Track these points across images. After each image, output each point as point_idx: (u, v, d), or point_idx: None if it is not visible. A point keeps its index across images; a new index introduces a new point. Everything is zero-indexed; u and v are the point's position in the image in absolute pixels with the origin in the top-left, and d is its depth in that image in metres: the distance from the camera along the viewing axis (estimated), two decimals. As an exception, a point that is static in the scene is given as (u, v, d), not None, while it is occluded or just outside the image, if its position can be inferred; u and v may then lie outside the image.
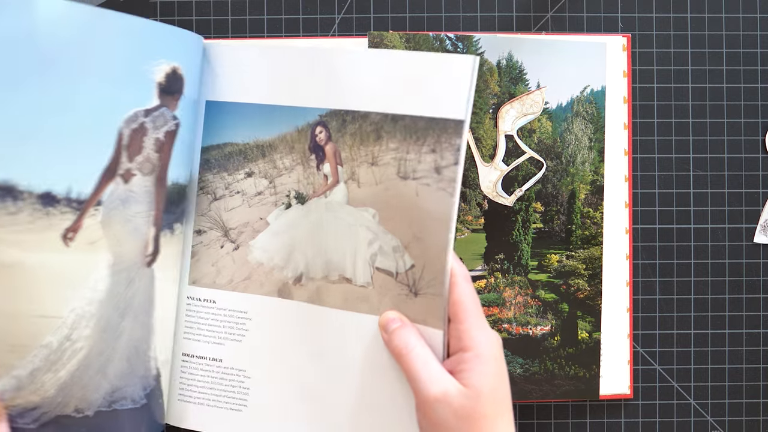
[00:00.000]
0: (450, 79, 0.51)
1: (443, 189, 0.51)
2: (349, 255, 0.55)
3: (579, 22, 0.65)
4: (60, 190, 0.51)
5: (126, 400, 0.55)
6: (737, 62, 0.66)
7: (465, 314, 0.49)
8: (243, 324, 0.57)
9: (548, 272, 0.64)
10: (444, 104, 0.51)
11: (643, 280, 0.65)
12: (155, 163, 0.55)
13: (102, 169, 0.52)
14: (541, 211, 0.64)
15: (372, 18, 0.65)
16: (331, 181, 0.56)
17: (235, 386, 0.57)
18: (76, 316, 0.53)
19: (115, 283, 0.54)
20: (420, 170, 0.52)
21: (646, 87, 0.65)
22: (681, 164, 0.66)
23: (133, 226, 0.54)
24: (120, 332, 0.55)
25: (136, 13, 0.64)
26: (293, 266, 0.57)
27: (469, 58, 0.50)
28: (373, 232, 0.55)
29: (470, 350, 0.48)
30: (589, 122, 0.64)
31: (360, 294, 0.55)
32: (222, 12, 0.65)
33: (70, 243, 0.52)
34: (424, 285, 0.52)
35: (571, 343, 0.64)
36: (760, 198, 0.66)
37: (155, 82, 0.53)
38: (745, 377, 0.66)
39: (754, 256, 0.66)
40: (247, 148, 0.57)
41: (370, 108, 0.54)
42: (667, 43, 0.65)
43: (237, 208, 0.58)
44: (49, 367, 0.53)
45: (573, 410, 0.65)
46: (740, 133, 0.66)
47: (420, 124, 0.52)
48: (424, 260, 0.52)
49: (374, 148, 0.54)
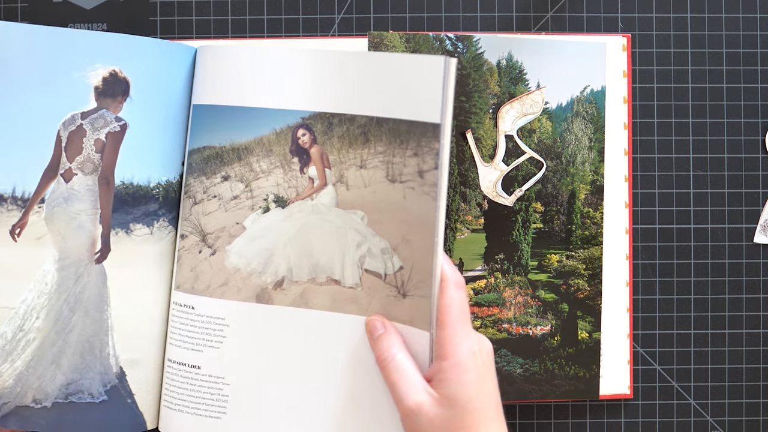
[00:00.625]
0: (423, 82, 0.50)
1: (427, 193, 0.51)
2: (338, 257, 0.55)
3: (579, 22, 0.65)
4: (6, 189, 0.57)
5: (83, 394, 0.57)
6: (737, 62, 0.66)
7: (448, 321, 0.49)
8: (221, 330, 0.57)
9: (548, 272, 0.64)
10: (420, 107, 0.51)
11: (643, 280, 0.65)
12: (97, 163, 0.57)
13: (43, 169, 0.57)
14: (541, 211, 0.64)
15: (372, 18, 0.65)
16: (318, 184, 0.56)
17: (214, 394, 0.57)
18: (27, 308, 0.57)
19: (63, 278, 0.57)
20: (406, 174, 0.53)
21: (646, 87, 0.65)
22: (681, 164, 0.66)
23: (77, 224, 0.57)
24: (72, 326, 0.57)
25: (136, 13, 0.64)
26: (273, 270, 0.56)
27: (439, 58, 0.49)
28: (361, 234, 0.55)
29: (449, 359, 0.48)
30: (589, 122, 0.64)
31: (349, 295, 0.55)
32: (222, 12, 0.65)
33: (18, 238, 0.57)
34: (412, 287, 0.52)
35: (571, 343, 0.64)
36: (760, 198, 0.66)
37: (92, 86, 0.56)
38: (745, 377, 0.66)
39: (754, 256, 0.66)
40: (223, 151, 0.57)
41: (356, 111, 0.54)
42: (667, 43, 0.65)
43: (214, 213, 0.58)
44: (5, 358, 0.57)
45: (573, 410, 0.65)
46: (740, 133, 0.66)
47: (402, 127, 0.52)
48: (412, 262, 0.52)
49: (363, 151, 0.54)
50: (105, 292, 0.57)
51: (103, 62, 0.56)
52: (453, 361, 0.48)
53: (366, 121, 0.54)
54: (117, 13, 0.65)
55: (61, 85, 0.56)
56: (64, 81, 0.56)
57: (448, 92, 0.49)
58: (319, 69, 0.54)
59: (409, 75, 0.51)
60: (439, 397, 0.48)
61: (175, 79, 0.58)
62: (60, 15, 0.64)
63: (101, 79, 0.56)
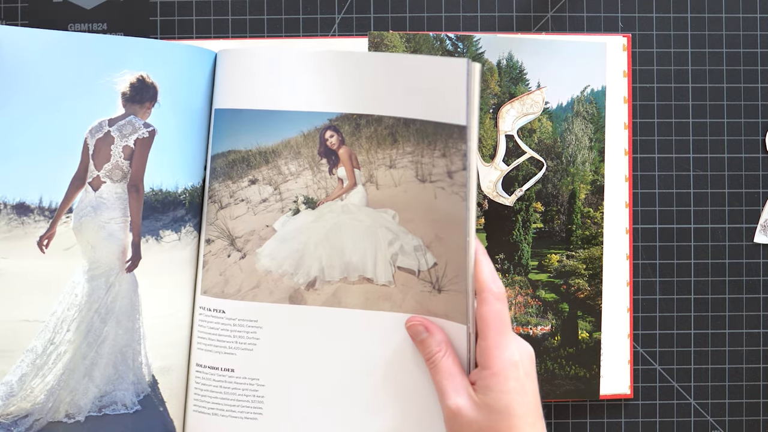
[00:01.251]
0: (447, 84, 0.51)
1: (456, 193, 0.52)
2: (370, 255, 0.56)
3: (579, 22, 0.65)
4: (32, 199, 0.55)
5: (117, 405, 0.56)
6: (737, 62, 0.66)
7: (488, 332, 0.51)
8: (254, 333, 0.57)
9: (548, 272, 0.64)
10: (445, 109, 0.51)
11: (643, 280, 0.65)
12: (125, 170, 0.56)
13: (70, 178, 0.56)
14: (541, 211, 0.64)
15: (372, 18, 0.65)
16: (347, 184, 0.57)
17: (249, 395, 0.57)
18: (57, 320, 0.55)
19: (93, 288, 0.56)
20: (435, 174, 0.53)
21: (646, 87, 0.65)
22: (681, 164, 0.66)
23: (107, 232, 0.56)
24: (103, 337, 0.56)
25: (136, 13, 0.64)
26: (305, 271, 0.57)
27: (462, 61, 0.49)
28: (393, 232, 0.56)
29: (490, 368, 0.50)
30: (589, 122, 0.64)
31: (382, 293, 0.56)
32: (222, 12, 0.65)
33: (46, 249, 0.55)
34: (447, 282, 0.53)
35: (571, 343, 0.64)
36: (760, 198, 0.66)
37: (119, 92, 0.55)
38: (745, 377, 0.66)
39: (754, 256, 0.66)
40: (249, 155, 0.57)
41: (383, 112, 0.54)
42: (667, 43, 0.65)
43: (242, 216, 0.58)
44: (36, 372, 0.55)
45: (573, 410, 0.65)
46: (740, 133, 0.66)
47: (429, 128, 0.53)
48: (446, 259, 0.53)
49: (391, 151, 0.55)
50: (136, 301, 0.56)
51: (131, 68, 0.55)
52: (493, 370, 0.50)
53: (393, 122, 0.54)
54: (117, 13, 0.65)
55: (88, 91, 0.55)
56: (91, 87, 0.55)
57: (472, 95, 0.50)
58: (345, 71, 0.54)
59: (434, 77, 0.51)
60: (479, 402, 0.50)
61: (198, 83, 0.57)
62: (60, 15, 0.64)
63: (129, 84, 0.55)
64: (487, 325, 0.51)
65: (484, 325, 0.51)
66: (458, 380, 0.51)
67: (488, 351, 0.50)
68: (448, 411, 0.51)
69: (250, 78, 0.56)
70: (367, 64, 0.54)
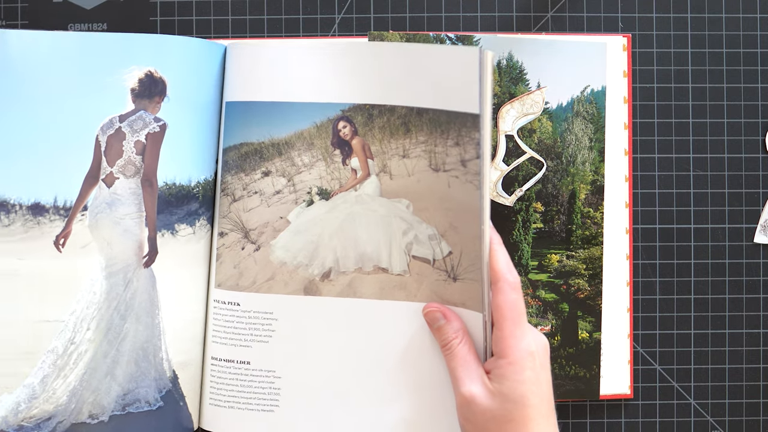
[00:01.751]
0: (459, 73, 0.51)
1: (470, 181, 0.52)
2: (384, 245, 0.56)
3: (579, 22, 0.65)
4: (47, 199, 0.55)
5: (140, 403, 0.56)
6: (737, 62, 0.66)
7: (504, 321, 0.51)
8: (269, 325, 0.57)
9: (548, 272, 0.64)
10: (458, 98, 0.52)
11: (643, 280, 0.65)
12: (138, 166, 0.56)
13: (83, 176, 0.56)
14: (541, 211, 0.64)
15: (372, 18, 0.65)
16: (361, 175, 0.57)
17: (266, 387, 0.57)
18: (77, 319, 0.55)
19: (112, 285, 0.56)
20: (449, 163, 0.54)
21: (646, 87, 0.65)
22: (681, 164, 0.66)
23: (123, 228, 0.56)
24: (124, 334, 0.56)
25: (136, 13, 0.64)
26: (319, 262, 0.57)
27: (473, 50, 0.50)
28: (407, 222, 0.56)
29: (506, 357, 0.50)
30: (589, 122, 0.64)
31: (397, 282, 0.56)
32: (222, 12, 0.65)
33: (62, 248, 0.55)
34: (463, 270, 0.54)
35: (571, 343, 0.64)
36: (760, 198, 0.66)
37: (128, 88, 0.55)
38: (745, 377, 0.66)
39: (754, 256, 0.66)
40: (262, 147, 0.57)
41: (396, 101, 0.55)
42: (667, 43, 0.65)
43: (256, 209, 0.58)
44: (58, 373, 0.55)
45: (573, 410, 0.65)
46: (740, 133, 0.66)
47: (442, 117, 0.53)
48: (461, 247, 0.54)
49: (405, 141, 0.55)
50: (155, 296, 0.56)
51: (138, 63, 0.55)
52: (510, 359, 0.50)
53: (406, 112, 0.55)
54: (117, 13, 0.65)
55: (97, 89, 0.55)
56: (99, 85, 0.55)
57: (485, 83, 0.50)
58: (358, 61, 0.55)
59: (446, 66, 0.52)
60: (494, 390, 0.50)
61: (207, 76, 0.57)
62: (60, 15, 0.64)
63: (137, 80, 0.55)
64: (503, 315, 0.51)
65: (500, 314, 0.51)
66: (473, 368, 0.52)
67: (505, 340, 0.51)
68: (461, 398, 0.51)
69: (261, 71, 0.57)
70: (379, 55, 0.54)
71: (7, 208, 0.55)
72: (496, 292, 0.51)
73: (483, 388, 0.51)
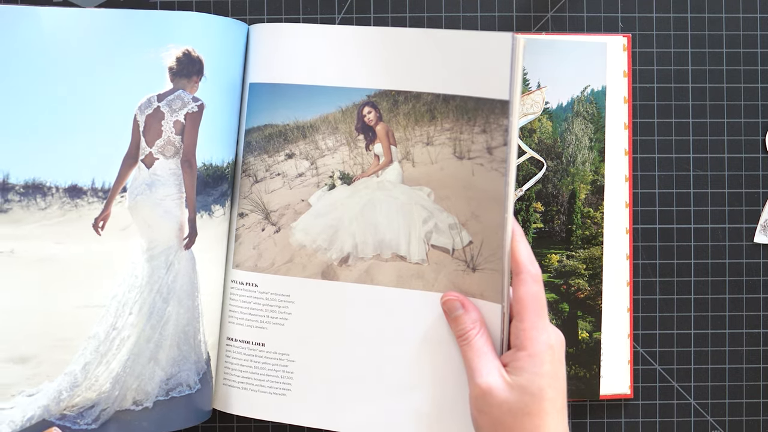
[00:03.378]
0: (490, 59, 0.51)
1: (496, 169, 0.52)
2: (403, 233, 0.56)
3: (579, 22, 0.65)
4: (85, 181, 0.54)
5: (182, 387, 0.55)
6: (737, 62, 0.66)
7: (526, 313, 0.50)
8: (286, 307, 0.57)
9: (548, 272, 0.64)
10: (488, 84, 0.51)
11: (643, 280, 0.65)
12: (178, 146, 0.55)
13: (122, 157, 0.54)
14: (541, 211, 0.64)
15: (372, 18, 0.65)
16: (383, 161, 0.56)
17: (279, 370, 0.57)
18: (118, 304, 0.54)
19: (154, 267, 0.55)
20: (474, 150, 0.53)
21: (646, 87, 0.65)
22: (681, 164, 0.66)
23: (163, 210, 0.55)
24: (166, 318, 0.55)
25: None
26: (338, 247, 0.57)
27: (506, 35, 0.50)
28: (428, 210, 0.55)
29: (525, 350, 0.50)
30: (589, 122, 0.64)
31: (415, 271, 0.55)
32: (222, 12, 0.65)
33: (102, 231, 0.54)
34: (483, 261, 0.53)
35: (571, 343, 0.64)
36: (760, 198, 0.66)
37: (166, 66, 0.54)
38: (745, 377, 0.66)
39: (754, 256, 0.66)
40: (287, 129, 0.57)
41: (422, 88, 0.54)
42: (667, 43, 0.65)
43: (278, 191, 0.58)
44: (100, 360, 0.54)
45: (573, 410, 0.65)
46: (740, 133, 0.66)
47: (470, 104, 0.53)
48: (482, 237, 0.53)
49: (429, 128, 0.55)
50: (195, 278, 0.56)
51: (175, 42, 0.54)
52: (530, 351, 0.50)
53: (432, 99, 0.54)
54: (117, 12, 0.64)
55: (133, 68, 0.54)
56: (137, 64, 0.54)
57: (516, 69, 0.50)
58: (385, 47, 0.55)
59: (476, 52, 0.52)
60: (512, 383, 0.50)
61: (235, 57, 0.57)
62: (60, 15, 0.64)
63: (175, 59, 0.54)
64: (525, 307, 0.50)
65: (521, 306, 0.51)
66: (490, 359, 0.51)
67: (525, 332, 0.50)
68: (477, 390, 0.50)
69: (287, 53, 0.56)
70: (408, 40, 0.54)
71: (43, 191, 0.54)
72: (519, 283, 0.51)
73: (501, 379, 0.50)
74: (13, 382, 0.53)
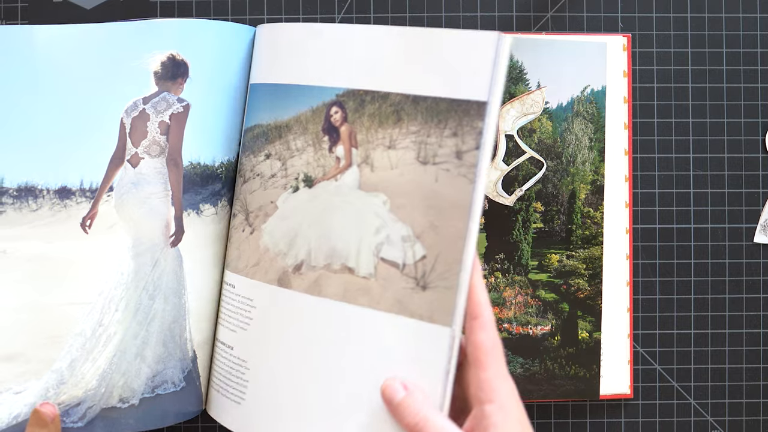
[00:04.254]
0: (471, 58, 0.48)
1: (463, 175, 0.48)
2: (354, 243, 0.51)
3: (579, 22, 0.65)
4: (74, 182, 0.55)
5: (168, 384, 0.56)
6: (737, 62, 0.66)
7: (489, 361, 0.46)
8: (248, 312, 0.55)
9: (548, 272, 0.64)
10: (465, 84, 0.48)
11: (643, 280, 0.65)
12: (163, 145, 0.56)
13: (108, 158, 0.56)
14: (541, 211, 0.64)
15: (372, 18, 0.65)
16: (343, 164, 0.53)
17: (238, 377, 0.55)
18: (105, 301, 0.55)
19: (140, 264, 0.55)
20: (441, 155, 0.49)
21: (646, 87, 0.65)
22: (681, 164, 0.66)
23: (149, 207, 0.56)
24: (152, 315, 0.55)
25: (136, 13, 0.64)
26: (294, 253, 0.53)
27: (492, 35, 0.47)
28: (381, 219, 0.51)
29: (493, 402, 0.45)
30: (589, 122, 0.64)
31: (361, 285, 0.51)
32: (222, 12, 0.65)
33: (89, 230, 0.55)
34: (436, 277, 0.48)
35: (571, 343, 0.64)
36: (760, 198, 0.66)
37: (150, 71, 0.56)
38: (745, 377, 0.66)
39: (754, 256, 0.66)
40: (268, 129, 0.56)
41: (391, 88, 0.51)
42: (667, 43, 0.65)
43: (256, 191, 0.56)
44: (86, 357, 0.54)
45: (573, 410, 0.65)
46: (740, 133, 0.66)
47: (442, 105, 0.49)
48: (438, 250, 0.48)
49: (393, 130, 0.51)
50: (182, 276, 0.56)
51: (160, 48, 0.55)
52: (498, 404, 0.45)
53: (400, 99, 0.50)
54: (117, 13, 0.65)
55: (120, 75, 0.55)
56: (122, 71, 0.55)
57: (499, 70, 0.47)
58: (358, 45, 0.52)
59: (456, 51, 0.48)
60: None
61: (232, 59, 0.57)
62: (60, 15, 0.64)
63: (159, 63, 0.55)
64: (487, 354, 0.46)
65: (483, 353, 0.46)
66: None
67: (490, 383, 0.45)
68: None
69: (274, 52, 0.56)
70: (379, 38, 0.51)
71: (35, 194, 0.55)
72: (478, 328, 0.46)
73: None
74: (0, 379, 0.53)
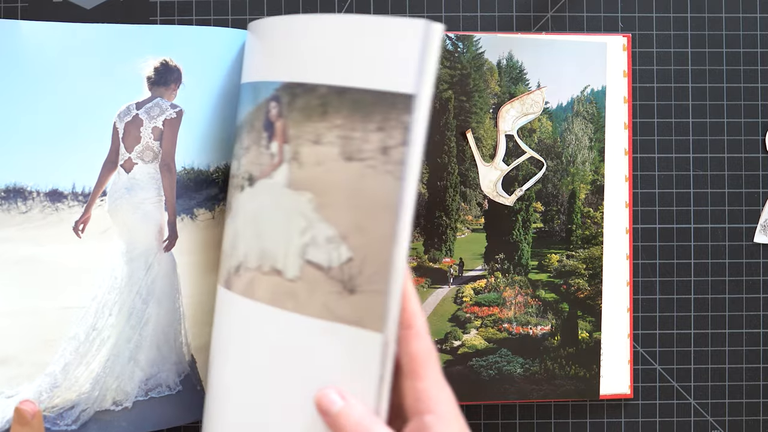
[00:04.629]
0: (398, 47, 0.44)
1: (390, 172, 0.44)
2: (282, 244, 0.48)
3: (579, 22, 0.65)
4: (65, 186, 0.55)
5: (162, 388, 0.56)
6: (737, 62, 0.66)
7: (425, 371, 0.44)
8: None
9: (548, 272, 0.64)
10: (392, 76, 0.44)
11: (643, 280, 0.65)
12: (156, 151, 0.56)
13: (101, 162, 0.55)
14: (541, 211, 0.64)
15: (372, 18, 0.65)
16: (276, 161, 0.50)
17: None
18: (98, 305, 0.55)
19: (133, 269, 0.55)
20: (366, 150, 0.46)
21: (646, 87, 0.65)
22: (681, 164, 0.66)
23: (142, 213, 0.56)
24: (146, 319, 0.56)
25: (136, 13, 0.64)
26: (237, 254, 0.51)
27: (418, 22, 0.44)
28: (307, 219, 0.47)
29: (433, 412, 0.43)
30: (589, 122, 0.64)
31: (288, 289, 0.48)
32: (222, 12, 0.65)
33: (82, 234, 0.55)
34: (364, 281, 0.45)
35: (571, 343, 0.64)
36: (760, 198, 0.66)
37: (144, 76, 0.56)
38: (745, 377, 0.66)
39: (754, 256, 0.66)
40: (237, 129, 0.55)
41: (318, 79, 0.47)
42: (667, 43, 0.65)
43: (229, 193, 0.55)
44: (80, 360, 0.54)
45: (573, 410, 0.65)
46: (740, 133, 0.66)
47: (368, 98, 0.45)
48: (365, 252, 0.45)
49: (319, 124, 0.47)
50: (176, 280, 0.56)
51: (154, 53, 0.55)
52: (437, 414, 0.43)
53: (326, 91, 0.47)
54: (117, 13, 0.65)
55: (113, 79, 0.55)
56: (116, 75, 0.55)
57: (428, 60, 0.43)
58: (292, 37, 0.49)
59: (382, 40, 0.45)
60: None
61: (227, 64, 0.57)
62: (60, 15, 0.64)
63: (153, 69, 0.56)
64: (423, 364, 0.44)
65: (418, 364, 0.44)
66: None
67: (427, 392, 0.44)
68: None
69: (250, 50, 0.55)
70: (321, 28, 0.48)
71: (24, 195, 0.54)
72: (412, 337, 0.44)
73: None
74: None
